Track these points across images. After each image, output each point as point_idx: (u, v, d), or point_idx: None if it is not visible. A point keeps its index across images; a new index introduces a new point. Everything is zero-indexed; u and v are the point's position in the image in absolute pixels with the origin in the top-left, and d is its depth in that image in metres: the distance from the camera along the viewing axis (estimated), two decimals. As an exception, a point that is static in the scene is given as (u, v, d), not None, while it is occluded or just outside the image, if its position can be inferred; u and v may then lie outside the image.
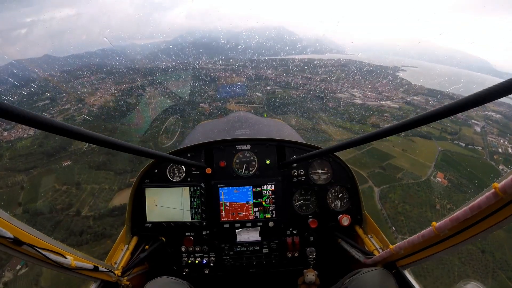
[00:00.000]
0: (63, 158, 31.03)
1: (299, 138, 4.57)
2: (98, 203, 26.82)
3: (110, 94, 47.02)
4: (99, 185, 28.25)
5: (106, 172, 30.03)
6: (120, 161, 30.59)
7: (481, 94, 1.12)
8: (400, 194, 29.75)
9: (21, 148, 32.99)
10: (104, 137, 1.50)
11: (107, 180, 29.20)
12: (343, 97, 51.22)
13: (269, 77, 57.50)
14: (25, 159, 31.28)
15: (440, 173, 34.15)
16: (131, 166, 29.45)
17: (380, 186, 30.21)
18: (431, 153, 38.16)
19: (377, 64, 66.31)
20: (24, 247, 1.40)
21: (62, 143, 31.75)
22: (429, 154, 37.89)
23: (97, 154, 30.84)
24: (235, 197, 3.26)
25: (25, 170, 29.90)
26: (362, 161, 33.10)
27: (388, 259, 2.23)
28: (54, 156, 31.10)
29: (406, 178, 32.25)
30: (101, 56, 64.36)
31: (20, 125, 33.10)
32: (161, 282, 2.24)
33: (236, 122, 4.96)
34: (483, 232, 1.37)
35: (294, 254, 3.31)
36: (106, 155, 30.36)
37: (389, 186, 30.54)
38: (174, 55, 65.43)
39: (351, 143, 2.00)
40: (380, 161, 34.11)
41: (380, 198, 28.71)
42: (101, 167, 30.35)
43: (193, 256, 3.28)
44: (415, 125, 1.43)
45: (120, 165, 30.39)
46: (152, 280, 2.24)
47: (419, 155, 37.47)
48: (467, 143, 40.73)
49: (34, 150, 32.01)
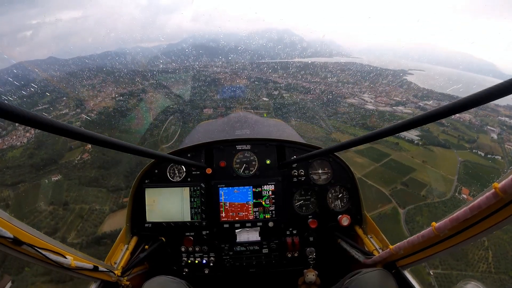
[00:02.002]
0: (53, 172, 26.83)
1: (299, 138, 4.38)
2: (86, 228, 22.60)
3: (111, 98, 44.41)
4: (89, 205, 23.93)
5: (97, 189, 25.69)
6: (114, 176, 26.27)
7: (481, 94, 1.08)
8: (427, 216, 25.31)
9: (10, 159, 28.79)
10: (104, 137, 1.41)
11: (98, 199, 24.93)
12: (354, 102, 46.77)
13: (276, 81, 53.55)
14: (13, 172, 27.20)
15: (465, 189, 30.17)
16: (125, 182, 25.03)
17: (405, 206, 25.61)
18: (452, 164, 34.25)
19: (383, 68, 61.84)
20: (24, 247, 1.35)
21: (52, 155, 27.61)
22: (450, 165, 33.96)
23: (89, 168, 26.64)
24: (235, 197, 3.10)
25: (12, 185, 25.74)
26: (382, 176, 28.46)
27: (388, 259, 2.10)
28: (44, 169, 26.91)
29: (430, 196, 27.97)
30: (106, 58, 61.22)
31: (14, 131, 26.01)
32: (159, 281, 2.11)
33: (236, 122, 4.70)
34: (483, 232, 1.29)
35: (294, 254, 3.14)
36: (99, 169, 26.10)
37: (415, 207, 26.04)
38: (178, 58, 61.90)
39: (351, 143, 1.88)
40: (401, 175, 29.60)
41: (407, 222, 24.22)
42: (93, 183, 26.06)
43: (193, 256, 3.12)
44: (415, 125, 1.37)
45: (113, 181, 26.04)
46: (150, 279, 2.10)
47: (440, 167, 33.64)
48: (486, 152, 37.03)
49: (23, 162, 27.89)
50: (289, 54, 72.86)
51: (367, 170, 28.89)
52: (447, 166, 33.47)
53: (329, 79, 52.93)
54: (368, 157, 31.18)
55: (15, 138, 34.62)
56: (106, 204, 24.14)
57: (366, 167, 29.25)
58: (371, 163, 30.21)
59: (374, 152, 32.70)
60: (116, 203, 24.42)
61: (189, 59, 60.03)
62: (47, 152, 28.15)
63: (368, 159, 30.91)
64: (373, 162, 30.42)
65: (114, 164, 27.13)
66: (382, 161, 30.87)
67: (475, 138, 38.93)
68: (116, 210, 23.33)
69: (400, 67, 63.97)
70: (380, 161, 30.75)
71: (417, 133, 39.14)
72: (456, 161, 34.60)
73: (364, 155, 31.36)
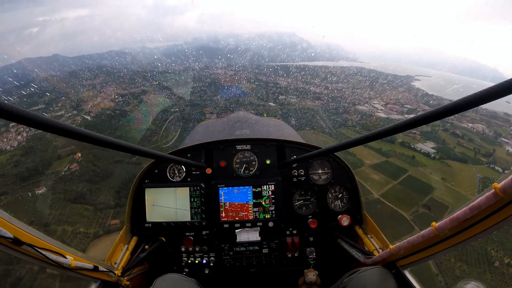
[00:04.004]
0: (38, 184, 23.00)
1: (299, 138, 4.23)
2: (68, 255, 18.31)
3: (111, 99, 41.54)
4: (73, 227, 19.88)
5: (84, 207, 21.62)
6: (103, 191, 22.38)
7: (481, 94, 1.04)
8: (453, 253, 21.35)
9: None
10: (104, 137, 1.36)
11: (83, 219, 20.91)
12: (364, 109, 42.72)
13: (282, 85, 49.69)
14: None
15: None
16: (115, 199, 21.12)
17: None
18: (471, 182, 30.63)
19: (390, 73, 58.08)
20: (24, 247, 1.30)
21: (39, 164, 23.82)
22: (469, 183, 30.34)
23: (76, 181, 22.79)
24: (235, 197, 2.98)
25: (-8, 198, 21.92)
26: (401, 196, 24.54)
27: (388, 259, 2.01)
28: (28, 180, 23.11)
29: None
30: (109, 58, 58.48)
31: (6, 134, 18.82)
32: (171, 279, 2.03)
33: (236, 122, 4.60)
34: (483, 232, 1.25)
35: (294, 254, 3.01)
36: (87, 183, 22.25)
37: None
38: (178, 59, 58.65)
39: (351, 143, 1.83)
40: (421, 194, 25.74)
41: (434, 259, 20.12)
42: (79, 199, 22.06)
43: (193, 256, 2.99)
44: (416, 125, 1.33)
45: (102, 197, 22.04)
46: (161, 276, 2.02)
47: (460, 185, 29.91)
48: (504, 168, 33.46)
49: (7, 171, 24.11)
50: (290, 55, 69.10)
51: (384, 189, 25.02)
52: (466, 184, 29.77)
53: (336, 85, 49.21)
54: (384, 173, 27.30)
55: (5, 142, 31.16)
56: (92, 227, 20.09)
57: (383, 185, 25.37)
58: (389, 180, 26.35)
59: (390, 167, 28.83)
60: (102, 225, 20.43)
61: (190, 59, 56.99)
62: (34, 160, 24.42)
63: (385, 175, 27.03)
64: (390, 179, 26.57)
65: (104, 177, 23.36)
66: (400, 178, 26.95)
67: (491, 152, 35.32)
68: (101, 236, 19.32)
69: (406, 72, 61.45)
70: (397, 177, 26.86)
71: (433, 145, 35.78)
72: (475, 178, 30.98)
73: (381, 170, 27.47)
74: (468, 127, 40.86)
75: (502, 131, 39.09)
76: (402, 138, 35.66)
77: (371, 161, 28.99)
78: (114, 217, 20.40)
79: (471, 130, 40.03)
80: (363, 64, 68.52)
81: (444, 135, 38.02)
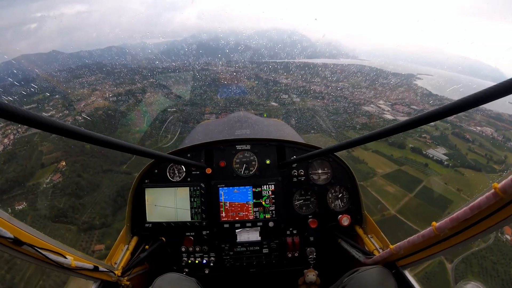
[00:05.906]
0: (18, 198, 19.66)
1: (299, 138, 4.07)
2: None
3: (108, 97, 38.27)
4: (51, 253, 16.60)
5: (66, 227, 18.17)
6: (88, 207, 18.90)
7: (481, 94, 1.01)
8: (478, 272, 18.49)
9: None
10: (104, 137, 1.31)
11: (64, 241, 17.24)
12: (370, 110, 39.35)
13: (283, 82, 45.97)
14: (-27, 195, 19.93)
15: (507, 227, 23.46)
16: (101, 218, 17.74)
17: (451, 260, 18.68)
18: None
19: (392, 72, 54.15)
20: (24, 247, 1.25)
21: (19, 175, 20.45)
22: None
23: (59, 195, 19.39)
24: (235, 197, 2.83)
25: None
26: (418, 211, 21.41)
27: (388, 259, 1.90)
28: (8, 193, 19.76)
29: (476, 242, 20.84)
30: (107, 54, 55.01)
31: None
32: (171, 278, 1.94)
33: (236, 122, 4.35)
34: (483, 232, 1.22)
35: (294, 254, 2.87)
36: (70, 197, 18.77)
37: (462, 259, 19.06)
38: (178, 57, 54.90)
39: (351, 143, 1.73)
40: (439, 209, 22.73)
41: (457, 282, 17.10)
42: (61, 218, 18.55)
43: (193, 256, 2.85)
44: (416, 125, 1.29)
45: (86, 215, 18.54)
46: (161, 275, 1.93)
47: (475, 196, 26.56)
48: None
49: (-13, 182, 20.61)
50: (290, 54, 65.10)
51: (401, 204, 21.93)
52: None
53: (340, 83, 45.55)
54: (399, 184, 24.13)
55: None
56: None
57: (399, 199, 22.24)
58: (404, 193, 23.25)
59: (403, 176, 25.68)
60: (86, 250, 16.92)
61: (190, 58, 53.33)
62: (16, 169, 21.06)
63: (399, 187, 23.85)
64: (405, 191, 23.40)
65: (90, 190, 20.01)
66: (415, 190, 23.82)
67: (503, 159, 32.49)
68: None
69: (407, 71, 57.46)
70: (412, 189, 23.77)
71: (445, 151, 32.62)
72: (490, 188, 28.36)
73: (395, 181, 24.28)
74: (476, 130, 37.86)
75: (511, 134, 36.22)
76: (413, 143, 32.32)
77: (384, 170, 25.80)
78: (99, 240, 17.18)
79: (480, 134, 37.09)
80: (363, 61, 64.78)
81: (455, 140, 34.87)
